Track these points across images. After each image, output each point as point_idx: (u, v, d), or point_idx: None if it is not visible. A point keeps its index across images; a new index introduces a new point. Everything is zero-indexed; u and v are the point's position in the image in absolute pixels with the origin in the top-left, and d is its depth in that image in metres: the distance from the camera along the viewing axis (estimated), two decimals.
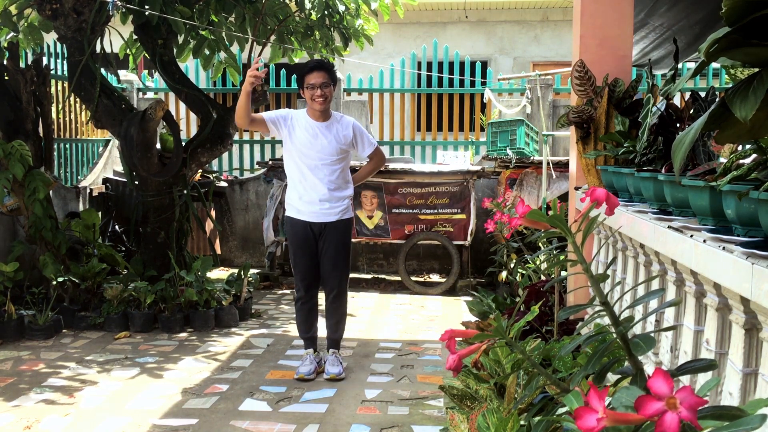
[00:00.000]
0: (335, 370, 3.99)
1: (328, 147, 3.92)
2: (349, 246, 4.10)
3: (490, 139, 6.63)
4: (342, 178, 4.00)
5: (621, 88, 3.35)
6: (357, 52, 7.26)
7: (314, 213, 3.97)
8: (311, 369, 4.02)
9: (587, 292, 3.49)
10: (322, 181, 3.93)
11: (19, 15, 5.37)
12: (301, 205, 3.99)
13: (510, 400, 2.28)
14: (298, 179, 3.99)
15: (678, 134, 2.45)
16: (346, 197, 4.02)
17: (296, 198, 4.01)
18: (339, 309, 4.13)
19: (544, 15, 11.87)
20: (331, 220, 3.97)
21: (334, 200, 3.97)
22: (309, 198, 3.96)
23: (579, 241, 1.25)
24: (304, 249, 4.02)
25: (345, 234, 4.04)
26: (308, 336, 4.14)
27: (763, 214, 1.60)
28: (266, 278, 6.77)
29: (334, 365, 4.03)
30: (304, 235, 4.00)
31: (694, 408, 0.82)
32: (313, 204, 3.96)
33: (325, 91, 3.88)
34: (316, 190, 3.94)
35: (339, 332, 4.16)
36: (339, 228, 4.00)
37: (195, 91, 5.71)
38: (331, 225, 3.98)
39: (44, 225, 5.08)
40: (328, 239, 3.99)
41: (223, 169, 8.18)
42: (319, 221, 3.97)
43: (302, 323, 4.15)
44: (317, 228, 3.99)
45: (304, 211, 3.99)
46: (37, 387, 3.83)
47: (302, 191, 3.97)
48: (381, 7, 5.98)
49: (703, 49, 1.34)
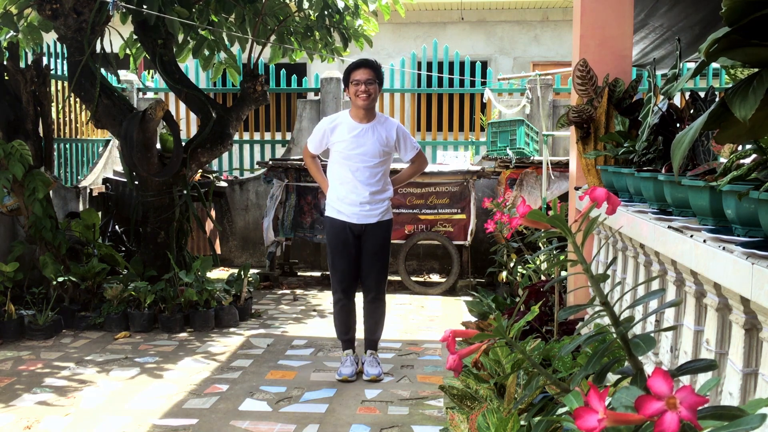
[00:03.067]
0: (375, 371, 3.98)
1: (370, 148, 3.89)
2: (389, 247, 4.08)
3: (490, 139, 6.63)
4: (383, 179, 3.98)
5: (621, 88, 3.35)
6: (357, 52, 7.25)
7: (355, 214, 3.94)
8: (353, 370, 4.00)
9: (587, 292, 3.49)
10: (363, 182, 3.91)
11: (19, 15, 5.37)
12: (341, 207, 3.96)
13: (510, 400, 2.28)
14: (339, 180, 3.96)
15: (678, 134, 2.45)
16: (386, 199, 4.00)
17: (337, 199, 3.98)
18: (378, 310, 4.11)
19: (544, 15, 11.87)
20: (372, 221, 3.95)
21: (374, 202, 3.94)
22: (350, 199, 3.93)
23: (579, 241, 1.25)
24: (343, 250, 3.99)
25: (385, 235, 4.02)
26: (347, 338, 4.12)
27: (763, 214, 1.60)
28: (266, 278, 6.77)
29: (372, 366, 4.02)
30: (344, 237, 3.97)
31: (694, 407, 0.82)
32: (354, 205, 3.93)
33: (369, 88, 3.86)
34: (358, 191, 3.91)
35: (377, 333, 4.15)
36: (380, 229, 3.98)
37: (195, 91, 5.71)
38: (372, 226, 3.96)
39: (44, 225, 5.08)
40: (368, 240, 3.97)
41: (223, 169, 8.18)
42: (359, 222, 3.95)
43: (341, 325, 4.11)
44: (357, 229, 3.97)
45: (344, 212, 3.95)
46: (37, 387, 3.83)
47: (344, 192, 3.94)
48: (381, 7, 5.97)
49: (703, 49, 1.34)
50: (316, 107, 7.71)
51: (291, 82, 8.04)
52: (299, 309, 5.83)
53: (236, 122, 5.80)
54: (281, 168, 6.63)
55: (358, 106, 3.90)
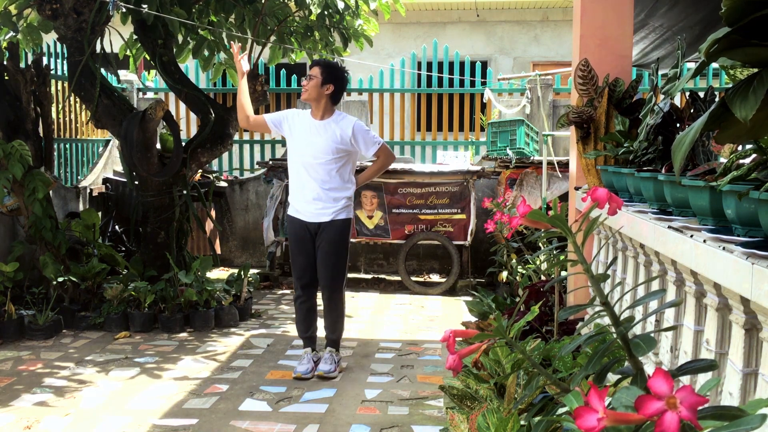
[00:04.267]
0: (325, 368, 3.99)
1: (323, 145, 3.91)
2: (345, 246, 4.04)
3: (490, 139, 6.63)
4: (338, 178, 3.96)
5: (621, 88, 3.35)
6: (357, 52, 7.26)
7: (309, 212, 3.97)
8: (308, 368, 4.01)
9: (587, 292, 3.49)
10: (316, 180, 3.93)
11: (18, 15, 5.37)
12: (298, 204, 4.01)
13: (510, 400, 2.28)
14: (295, 177, 4.02)
15: (677, 134, 2.45)
16: (342, 197, 3.97)
17: (294, 197, 4.04)
18: (334, 310, 4.11)
19: (544, 15, 11.87)
20: (325, 219, 3.96)
21: (328, 200, 3.95)
22: (304, 197, 3.97)
23: (579, 241, 1.25)
24: (300, 248, 4.02)
25: (339, 234, 3.99)
26: (307, 335, 4.14)
27: (763, 214, 1.60)
28: (266, 278, 6.77)
29: (326, 362, 4.03)
30: (302, 234, 4.01)
31: (695, 407, 0.82)
32: (308, 203, 3.96)
33: (306, 83, 3.93)
34: (311, 188, 3.94)
35: (336, 332, 4.15)
36: (333, 228, 3.96)
37: (195, 91, 5.71)
38: (326, 224, 3.96)
39: (44, 225, 5.08)
40: (322, 239, 3.98)
41: (223, 169, 8.18)
42: (313, 221, 3.97)
43: (300, 322, 4.15)
44: (313, 227, 3.99)
45: (300, 210, 4.00)
46: (37, 387, 3.83)
47: (299, 190, 4.00)
48: (381, 6, 5.97)
49: (703, 50, 1.34)
50: None
51: (291, 82, 8.04)
52: None
53: (236, 122, 5.79)
54: (281, 168, 6.62)
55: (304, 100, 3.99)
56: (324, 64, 4.02)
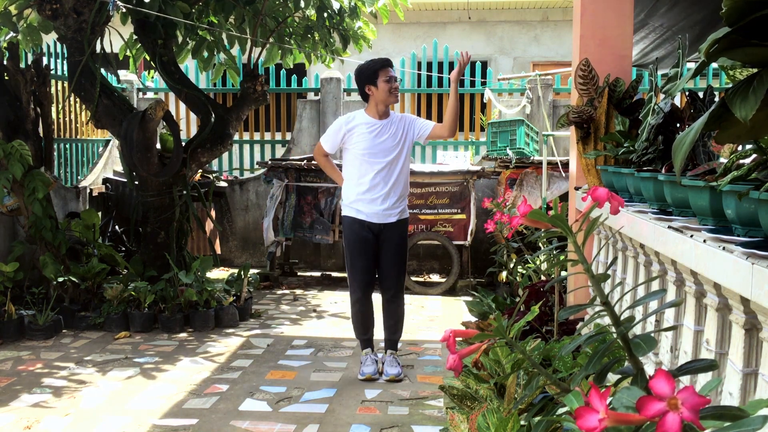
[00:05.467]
0: (394, 371, 3.97)
1: (390, 144, 3.91)
2: (407, 246, 4.07)
3: (490, 139, 6.63)
4: (403, 175, 3.98)
5: (621, 88, 3.35)
6: (357, 53, 7.26)
7: (375, 214, 3.93)
8: (375, 369, 4.01)
9: (587, 292, 3.49)
10: (384, 180, 3.91)
11: (18, 15, 5.37)
12: (360, 206, 3.95)
13: (510, 400, 2.28)
14: (358, 179, 3.94)
15: (677, 134, 2.45)
16: (405, 195, 4.01)
17: (356, 198, 3.96)
18: (398, 309, 4.10)
19: (544, 15, 11.87)
20: (392, 220, 3.95)
21: (395, 199, 3.94)
22: (370, 197, 3.92)
23: (580, 241, 1.25)
24: (362, 249, 3.97)
25: (403, 234, 4.03)
26: (366, 337, 4.13)
27: (763, 214, 1.60)
28: (266, 278, 6.77)
29: (392, 366, 4.01)
30: (364, 236, 3.96)
31: (696, 408, 0.82)
32: (374, 204, 3.92)
33: (397, 84, 3.93)
34: (379, 189, 3.91)
35: (398, 333, 4.15)
36: (399, 228, 3.98)
37: (195, 91, 5.71)
38: (391, 225, 3.96)
39: (44, 225, 5.08)
40: (387, 239, 3.97)
41: (223, 169, 8.17)
42: (379, 222, 3.95)
43: (360, 325, 4.10)
44: (376, 228, 3.96)
45: (364, 211, 3.94)
46: (37, 387, 3.83)
47: (363, 191, 3.93)
48: (379, 9, 5.97)
49: (703, 50, 1.34)
50: (316, 107, 7.70)
51: (291, 82, 8.03)
52: (299, 309, 5.83)
53: (236, 122, 5.79)
54: (281, 168, 6.63)
55: (389, 102, 3.93)
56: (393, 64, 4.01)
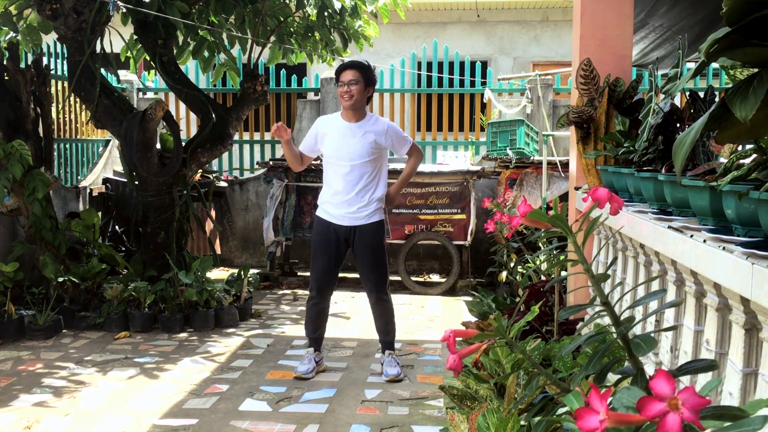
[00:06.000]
0: (393, 371, 3.97)
1: (360, 148, 3.88)
2: (383, 248, 4.04)
3: (490, 139, 6.63)
4: (373, 179, 3.95)
5: (621, 88, 3.35)
6: (357, 53, 7.26)
7: (342, 216, 3.93)
8: (309, 368, 4.01)
9: (587, 292, 3.49)
10: (352, 182, 3.90)
11: (18, 15, 5.37)
12: (330, 207, 3.96)
13: (510, 400, 2.28)
14: (330, 180, 3.96)
15: (677, 134, 2.45)
16: (375, 199, 3.96)
17: (326, 200, 3.99)
18: (385, 311, 4.09)
19: (544, 15, 11.87)
20: (360, 224, 3.94)
21: (363, 202, 3.92)
22: (338, 200, 3.92)
23: (580, 241, 1.25)
24: (324, 249, 3.99)
25: (376, 236, 3.99)
26: (314, 336, 4.14)
27: (763, 214, 1.60)
28: (266, 278, 6.77)
29: (392, 366, 4.01)
30: (328, 237, 3.97)
31: (697, 409, 0.82)
32: (341, 206, 3.92)
33: (352, 88, 3.85)
34: (346, 191, 3.90)
35: (390, 335, 4.13)
36: (370, 231, 3.95)
37: (195, 91, 5.71)
38: (361, 229, 3.94)
39: (44, 225, 5.08)
40: (360, 242, 3.95)
41: (223, 169, 8.17)
42: (346, 224, 3.94)
43: (310, 323, 4.12)
44: (343, 232, 3.95)
45: (332, 213, 3.95)
46: (37, 387, 3.83)
47: (332, 193, 3.94)
48: (380, 9, 5.97)
49: (703, 50, 1.34)
50: (316, 107, 7.70)
51: (291, 82, 8.03)
52: (299, 309, 5.83)
53: (236, 122, 5.79)
54: (281, 168, 6.62)
55: (344, 106, 3.92)
56: (360, 66, 3.93)
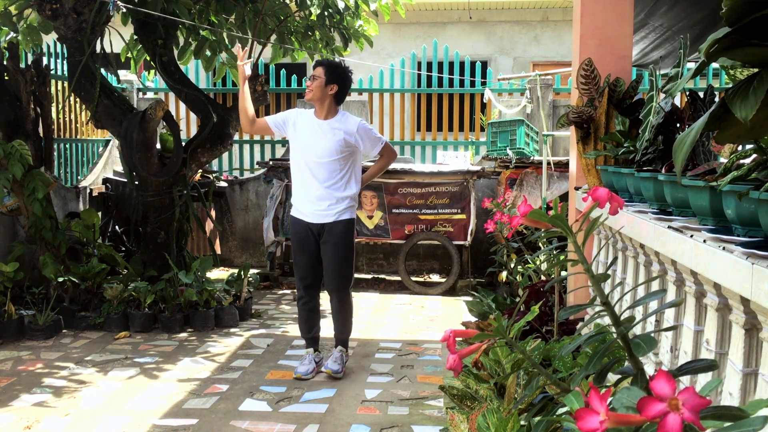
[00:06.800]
0: (334, 367, 3.98)
1: (327, 145, 3.89)
2: (350, 247, 4.01)
3: (490, 139, 6.63)
4: (343, 177, 3.95)
5: (621, 88, 3.35)
6: (357, 52, 7.26)
7: (312, 213, 3.95)
8: (309, 369, 4.02)
9: (587, 292, 3.49)
10: (319, 180, 3.91)
11: (18, 15, 5.37)
12: (301, 205, 3.99)
13: (510, 400, 2.28)
14: (298, 178, 3.99)
15: (677, 134, 2.45)
16: (346, 197, 3.95)
17: (296, 198, 4.02)
18: (342, 311, 4.09)
19: (544, 15, 11.87)
20: (329, 221, 3.94)
21: (332, 200, 3.92)
22: (307, 197, 3.95)
23: (580, 241, 1.25)
24: (302, 248, 4.01)
25: (344, 235, 3.97)
26: (309, 336, 4.15)
27: (763, 214, 1.60)
28: (266, 278, 6.77)
29: (335, 362, 4.02)
30: (304, 235, 3.99)
31: (697, 409, 0.82)
32: (311, 203, 3.94)
33: (310, 83, 3.91)
34: (314, 189, 3.92)
35: (345, 333, 4.15)
36: (337, 229, 3.94)
37: (195, 91, 5.71)
38: (330, 226, 3.95)
39: (44, 225, 5.08)
40: (326, 240, 3.97)
41: (223, 169, 8.18)
42: (316, 222, 3.95)
43: (303, 323, 4.14)
44: (316, 228, 3.97)
45: (302, 210, 3.98)
46: (37, 387, 3.83)
47: (302, 190, 3.97)
48: (381, 7, 5.97)
49: (703, 50, 1.34)
50: None
51: (291, 82, 8.03)
52: None
53: (236, 122, 5.79)
54: (281, 168, 6.62)
55: (306, 99, 3.97)
56: (327, 64, 3.99)
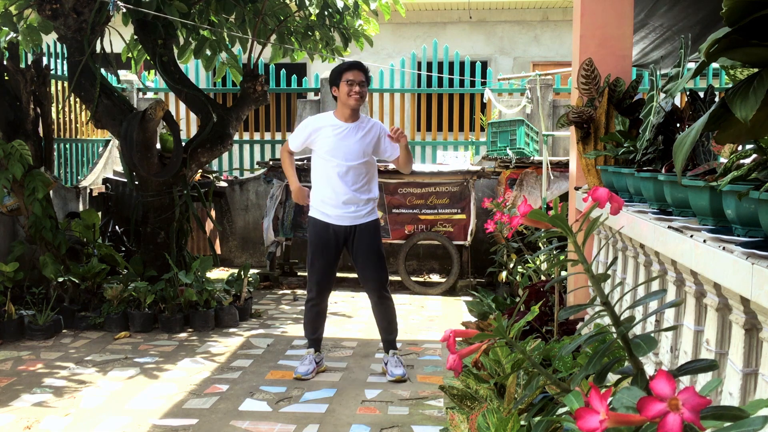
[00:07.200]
0: (399, 372, 3.96)
1: (355, 148, 3.89)
2: (381, 246, 4.07)
3: (490, 139, 6.63)
4: (368, 180, 3.97)
5: (621, 88, 3.35)
6: (357, 52, 7.26)
7: (340, 216, 3.93)
8: (309, 369, 4.01)
9: (587, 292, 3.49)
10: (348, 183, 3.89)
11: (18, 15, 5.37)
12: (326, 208, 3.95)
13: (510, 400, 2.28)
14: (324, 182, 3.94)
15: (677, 134, 2.45)
16: (371, 199, 3.99)
17: (321, 201, 3.96)
18: (387, 310, 4.08)
19: (544, 15, 11.86)
20: (359, 223, 3.94)
21: (360, 203, 3.93)
22: (335, 201, 3.92)
23: (580, 241, 1.25)
24: (323, 251, 3.98)
25: (375, 235, 4.01)
26: (313, 337, 4.14)
27: (763, 214, 1.60)
28: (266, 278, 6.77)
29: (396, 366, 4.00)
30: (326, 238, 3.96)
31: (697, 409, 0.82)
32: (339, 207, 3.91)
33: (363, 89, 3.88)
34: (343, 192, 3.90)
35: (393, 333, 4.13)
36: (367, 231, 3.97)
37: (195, 91, 5.71)
38: (360, 228, 3.95)
39: (44, 225, 5.08)
40: (359, 242, 3.96)
41: (223, 169, 8.18)
42: (344, 224, 3.94)
43: (309, 324, 4.12)
44: (342, 232, 3.95)
45: (329, 213, 3.94)
46: (37, 387, 3.83)
47: (328, 194, 3.92)
48: (381, 7, 5.97)
49: (703, 50, 1.34)
50: (316, 107, 7.70)
51: (291, 82, 8.03)
52: (299, 309, 5.83)
53: (236, 122, 5.80)
54: (281, 168, 6.62)
55: (349, 105, 3.89)
56: (365, 68, 3.95)
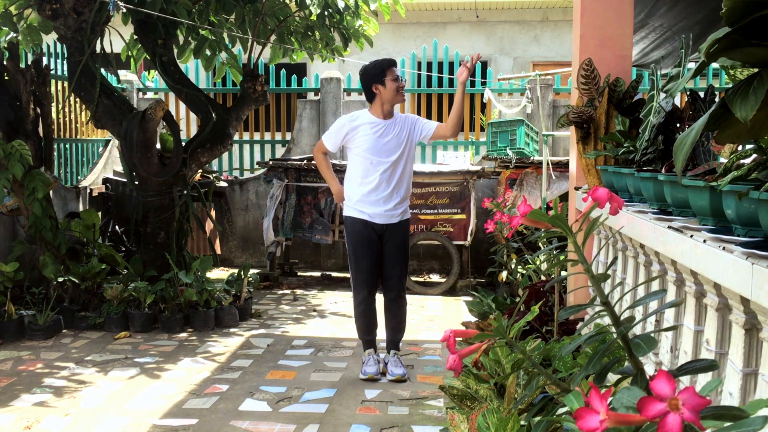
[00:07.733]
0: (399, 371, 3.97)
1: (394, 144, 3.91)
2: (408, 246, 4.09)
3: (490, 139, 6.63)
4: (405, 176, 3.98)
5: (622, 88, 3.34)
6: (357, 52, 7.26)
7: (378, 214, 3.93)
8: (378, 369, 4.01)
9: (587, 292, 3.49)
10: (388, 181, 3.91)
11: (18, 15, 5.37)
12: (363, 206, 3.94)
13: (510, 400, 2.28)
14: (361, 179, 3.93)
15: (677, 134, 2.45)
16: (407, 197, 4.02)
17: (359, 199, 3.95)
18: (401, 309, 4.10)
19: (544, 15, 11.86)
20: (394, 221, 3.96)
21: (398, 200, 3.95)
22: (374, 198, 3.92)
23: (580, 241, 1.25)
24: (367, 250, 3.96)
25: (405, 234, 4.03)
26: (369, 338, 4.12)
27: (763, 214, 1.60)
28: (266, 278, 6.77)
29: (397, 366, 4.01)
30: (368, 235, 3.95)
31: (697, 409, 0.82)
32: (378, 205, 3.92)
33: (403, 84, 3.94)
34: (383, 189, 3.91)
35: (400, 334, 4.15)
36: (401, 229, 3.99)
37: (195, 91, 5.71)
38: (394, 225, 3.96)
39: (44, 225, 5.08)
40: (390, 240, 3.97)
41: (223, 169, 8.17)
42: (382, 222, 3.94)
43: (365, 325, 4.10)
44: (379, 228, 3.96)
45: (366, 211, 3.94)
46: (37, 387, 3.83)
47: (368, 191, 3.92)
48: (381, 7, 5.97)
49: (703, 50, 1.34)
50: (316, 107, 7.70)
51: (291, 82, 8.03)
52: (299, 309, 5.83)
53: (236, 122, 5.80)
54: (281, 168, 6.63)
55: (397, 101, 3.94)
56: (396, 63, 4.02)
